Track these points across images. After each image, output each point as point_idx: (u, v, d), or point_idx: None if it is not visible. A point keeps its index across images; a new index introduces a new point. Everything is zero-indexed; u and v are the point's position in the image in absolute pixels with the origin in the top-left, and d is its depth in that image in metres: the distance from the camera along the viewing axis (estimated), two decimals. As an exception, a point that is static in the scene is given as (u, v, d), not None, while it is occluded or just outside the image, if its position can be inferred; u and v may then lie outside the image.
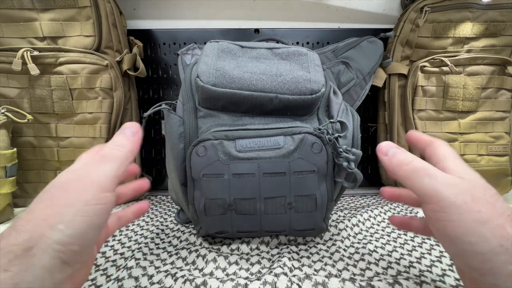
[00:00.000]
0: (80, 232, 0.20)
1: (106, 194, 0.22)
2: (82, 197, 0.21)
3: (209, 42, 0.42)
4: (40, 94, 0.53)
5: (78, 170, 0.23)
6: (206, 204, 0.37)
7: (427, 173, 0.23)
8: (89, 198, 0.21)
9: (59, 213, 0.20)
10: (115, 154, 0.24)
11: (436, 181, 0.23)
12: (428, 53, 0.60)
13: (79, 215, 0.21)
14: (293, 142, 0.35)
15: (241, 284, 0.31)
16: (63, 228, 0.20)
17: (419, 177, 0.23)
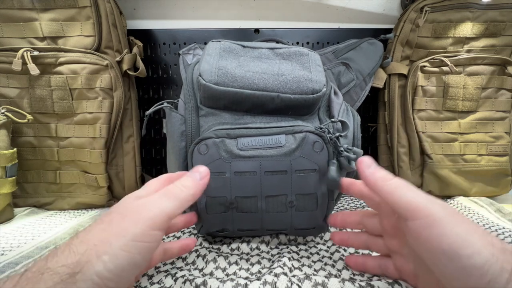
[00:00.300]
0: (120, 268, 0.20)
1: (155, 232, 0.22)
2: (134, 230, 0.21)
3: (211, 41, 0.42)
4: (40, 94, 0.53)
5: (141, 199, 0.23)
6: (207, 202, 0.37)
7: (411, 188, 0.23)
8: (139, 233, 0.21)
9: (109, 242, 0.20)
10: (177, 194, 0.24)
11: (421, 196, 0.23)
12: (428, 53, 0.60)
13: (124, 249, 0.20)
14: (294, 140, 0.35)
15: (241, 284, 0.31)
16: (107, 260, 0.19)
17: (404, 192, 0.23)
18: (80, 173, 0.57)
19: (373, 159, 0.27)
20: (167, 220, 0.23)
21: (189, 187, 0.25)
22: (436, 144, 0.60)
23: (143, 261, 0.21)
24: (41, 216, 0.54)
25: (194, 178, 0.26)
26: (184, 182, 0.26)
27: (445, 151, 0.60)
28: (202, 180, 0.27)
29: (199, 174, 0.27)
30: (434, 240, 0.21)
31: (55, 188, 0.58)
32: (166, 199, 0.23)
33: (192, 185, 0.26)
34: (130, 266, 0.20)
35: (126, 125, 0.60)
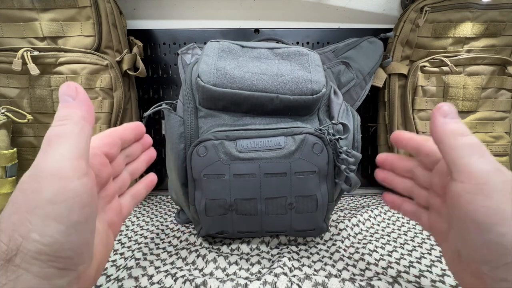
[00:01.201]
0: (61, 236, 0.17)
1: (74, 183, 0.18)
2: (43, 196, 0.17)
3: (210, 41, 0.42)
4: (40, 94, 0.53)
5: (33, 166, 0.18)
6: (206, 205, 0.37)
7: (482, 153, 0.21)
8: (51, 196, 0.17)
9: (26, 221, 0.17)
10: (62, 132, 0.19)
11: (489, 164, 0.21)
12: (428, 53, 0.60)
13: (49, 218, 0.17)
14: (294, 142, 0.35)
15: (241, 284, 0.31)
16: (38, 238, 0.17)
17: (471, 154, 0.21)
18: (80, 173, 0.57)
19: (454, 108, 0.24)
20: (79, 163, 0.19)
21: (67, 115, 0.19)
22: (436, 144, 0.60)
23: (83, 217, 0.19)
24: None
25: (66, 101, 0.20)
26: (60, 115, 0.20)
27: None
28: (78, 97, 0.20)
29: (68, 95, 0.20)
30: (473, 207, 0.20)
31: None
32: (55, 146, 0.18)
33: (69, 112, 0.20)
34: (69, 228, 0.18)
35: (126, 125, 0.60)
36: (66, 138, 0.19)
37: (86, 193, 0.19)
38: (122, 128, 0.27)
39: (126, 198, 0.28)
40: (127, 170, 0.29)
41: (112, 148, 0.26)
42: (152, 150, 0.32)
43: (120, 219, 0.27)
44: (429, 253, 0.39)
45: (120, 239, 0.44)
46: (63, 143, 0.19)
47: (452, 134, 0.22)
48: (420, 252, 0.40)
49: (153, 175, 0.32)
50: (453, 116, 0.23)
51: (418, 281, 0.33)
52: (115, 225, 0.26)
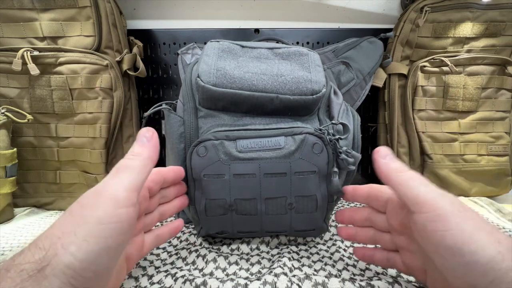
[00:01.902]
0: (93, 256, 0.19)
1: (122, 210, 0.20)
2: (95, 213, 0.19)
3: (210, 41, 0.42)
4: (40, 94, 0.53)
5: (99, 185, 0.21)
6: (206, 205, 0.37)
7: (423, 182, 0.23)
8: (102, 215, 0.19)
9: (73, 232, 0.19)
10: (130, 164, 0.22)
11: (432, 190, 0.23)
12: (428, 53, 0.60)
13: (90, 235, 0.19)
14: (294, 142, 0.35)
15: (241, 284, 0.31)
16: (75, 250, 0.18)
17: (415, 185, 0.23)
18: (80, 173, 0.57)
19: (390, 150, 0.27)
20: (132, 194, 0.21)
21: (139, 153, 0.24)
22: (436, 144, 0.60)
23: (117, 243, 0.20)
24: (41, 216, 0.54)
25: (142, 142, 0.25)
26: (134, 150, 0.24)
27: (445, 151, 0.60)
28: (151, 142, 0.25)
29: (145, 137, 0.25)
30: (438, 234, 0.21)
31: (55, 188, 0.58)
32: (121, 174, 0.22)
33: (142, 150, 0.24)
34: (103, 251, 0.19)
35: (126, 125, 0.60)
36: (131, 170, 0.22)
37: (127, 221, 0.21)
38: (167, 169, 0.31)
39: (150, 237, 0.30)
40: (158, 210, 0.31)
41: (156, 185, 0.28)
42: (185, 198, 0.35)
43: (139, 255, 0.28)
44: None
45: (120, 239, 0.44)
46: (127, 173, 0.22)
47: (396, 171, 0.25)
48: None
49: (180, 221, 0.34)
50: (391, 157, 0.26)
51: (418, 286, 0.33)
52: (132, 260, 0.27)
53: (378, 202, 0.29)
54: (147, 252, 0.29)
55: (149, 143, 0.25)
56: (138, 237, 0.27)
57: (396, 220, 0.28)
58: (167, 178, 0.30)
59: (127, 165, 0.22)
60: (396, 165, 0.25)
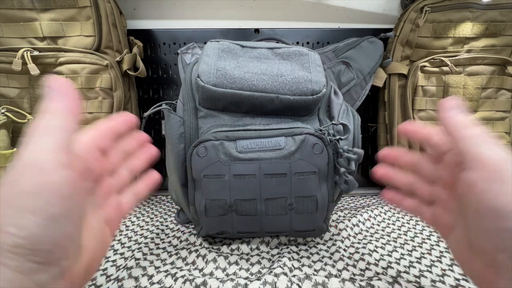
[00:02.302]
0: (38, 229, 0.17)
1: (53, 175, 0.18)
2: (20, 187, 0.17)
3: (210, 41, 0.42)
4: (40, 94, 0.53)
5: (17, 158, 0.18)
6: (206, 205, 0.37)
7: (492, 141, 0.22)
8: (31, 187, 0.17)
9: (5, 215, 0.17)
10: (46, 124, 0.19)
11: (500, 152, 0.21)
12: (428, 53, 0.60)
13: (25, 210, 0.17)
14: (294, 143, 0.35)
15: (241, 284, 0.31)
16: (15, 231, 0.16)
17: (483, 143, 0.22)
18: (80, 173, 0.57)
19: (458, 100, 0.25)
20: (59, 155, 0.19)
21: (51, 109, 0.20)
22: (436, 144, 0.60)
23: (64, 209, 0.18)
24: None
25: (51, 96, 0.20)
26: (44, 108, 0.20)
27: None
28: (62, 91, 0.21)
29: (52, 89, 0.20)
30: (489, 194, 0.20)
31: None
32: (38, 138, 0.19)
33: (53, 105, 0.20)
34: (48, 221, 0.17)
35: (126, 125, 0.60)
36: (47, 131, 0.19)
37: (66, 185, 0.19)
38: (114, 121, 0.27)
39: (126, 196, 0.28)
40: (126, 167, 0.28)
41: (104, 141, 0.25)
42: (151, 148, 0.31)
43: (119, 216, 0.26)
44: (429, 253, 0.39)
45: (120, 239, 0.44)
46: (46, 135, 0.19)
47: (463, 124, 0.23)
48: (420, 252, 0.40)
49: (156, 173, 0.31)
50: (457, 110, 0.24)
51: (418, 281, 0.33)
52: (113, 221, 0.25)
53: (435, 149, 0.28)
54: (127, 211, 0.27)
55: (60, 94, 0.20)
56: (111, 199, 0.26)
57: (449, 173, 0.26)
58: (118, 130, 0.27)
59: (41, 127, 0.19)
60: (462, 118, 0.24)
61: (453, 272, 0.35)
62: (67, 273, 0.19)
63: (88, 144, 0.24)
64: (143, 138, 0.30)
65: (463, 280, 0.33)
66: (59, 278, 0.18)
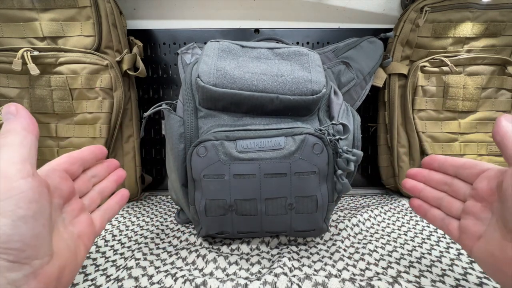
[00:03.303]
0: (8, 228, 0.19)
1: (19, 182, 0.20)
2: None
3: (210, 41, 0.42)
4: (40, 94, 0.53)
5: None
6: (206, 205, 0.37)
7: None
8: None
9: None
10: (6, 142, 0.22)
11: None
12: (428, 53, 0.60)
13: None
14: (294, 143, 0.35)
15: (241, 284, 0.31)
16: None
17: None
18: (80, 173, 0.57)
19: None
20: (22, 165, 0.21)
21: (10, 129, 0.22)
22: (436, 144, 0.60)
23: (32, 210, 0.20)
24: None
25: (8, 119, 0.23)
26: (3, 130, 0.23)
27: (445, 151, 0.60)
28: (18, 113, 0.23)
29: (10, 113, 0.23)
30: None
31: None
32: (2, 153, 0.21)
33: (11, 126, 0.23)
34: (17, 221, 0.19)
35: (126, 125, 0.60)
36: (8, 147, 0.22)
37: (31, 190, 0.21)
38: (80, 150, 0.31)
39: (98, 213, 0.31)
40: (95, 190, 0.32)
41: (71, 166, 0.29)
42: (121, 171, 0.35)
43: (92, 231, 0.29)
44: (429, 253, 0.39)
45: (120, 239, 0.44)
46: (7, 151, 0.21)
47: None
48: (420, 252, 0.40)
49: (124, 190, 0.34)
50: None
51: (418, 281, 0.33)
52: (86, 236, 0.28)
53: (470, 170, 0.30)
54: (101, 227, 0.30)
55: (16, 117, 0.23)
56: (82, 217, 0.28)
57: (488, 184, 0.28)
58: (84, 157, 0.31)
59: (4, 143, 0.22)
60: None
61: (453, 272, 0.35)
62: (40, 274, 0.21)
63: (55, 166, 0.27)
64: (113, 163, 0.35)
65: (463, 280, 0.33)
66: (31, 278, 0.20)
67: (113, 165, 0.34)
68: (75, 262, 0.25)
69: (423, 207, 0.33)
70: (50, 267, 0.22)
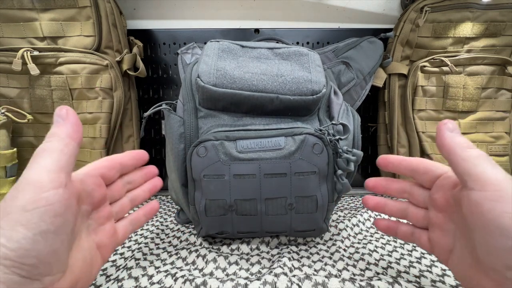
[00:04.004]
0: (27, 242, 0.18)
1: (48, 193, 0.19)
2: (16, 202, 0.19)
3: (210, 41, 0.42)
4: (40, 94, 0.53)
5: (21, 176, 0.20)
6: (206, 205, 0.37)
7: (492, 163, 0.23)
8: (25, 203, 0.19)
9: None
10: (48, 147, 0.21)
11: (501, 172, 0.22)
12: (428, 53, 0.60)
13: (18, 224, 0.18)
14: (294, 143, 0.35)
15: (241, 284, 0.31)
16: (5, 241, 0.18)
17: (484, 163, 0.22)
18: (80, 173, 0.57)
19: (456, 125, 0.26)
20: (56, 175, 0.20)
21: (55, 133, 0.22)
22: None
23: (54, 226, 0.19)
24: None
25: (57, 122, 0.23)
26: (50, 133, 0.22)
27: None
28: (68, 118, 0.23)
29: (59, 117, 0.23)
30: (495, 214, 0.21)
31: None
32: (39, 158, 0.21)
33: (57, 130, 0.22)
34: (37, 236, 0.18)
35: (126, 125, 0.60)
36: (49, 153, 0.21)
37: (59, 203, 0.20)
38: (122, 154, 0.30)
39: (124, 223, 0.30)
40: (128, 196, 0.31)
41: (109, 171, 0.28)
42: (157, 180, 0.34)
43: (113, 242, 0.28)
44: (429, 253, 0.39)
45: (120, 239, 0.44)
46: (46, 156, 0.21)
47: (462, 146, 0.24)
48: (420, 252, 0.40)
49: (155, 203, 0.33)
50: (457, 131, 0.25)
51: (418, 281, 0.33)
52: (106, 247, 0.27)
53: (425, 176, 0.29)
54: (122, 238, 0.29)
55: (65, 121, 0.23)
56: (107, 225, 0.27)
57: (444, 196, 0.27)
58: (124, 163, 0.30)
59: (44, 149, 0.21)
60: (462, 140, 0.24)
61: (453, 272, 0.35)
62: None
63: (92, 171, 0.26)
64: (151, 171, 0.33)
65: (463, 280, 0.33)
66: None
67: (151, 173, 0.33)
68: (89, 276, 0.24)
69: (391, 227, 0.32)
70: (62, 283, 0.21)
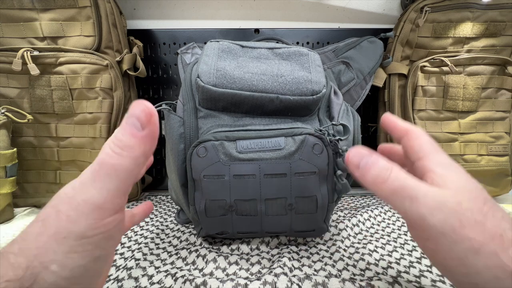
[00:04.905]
0: (79, 270, 0.17)
1: (107, 219, 0.18)
2: (75, 228, 0.17)
3: (210, 41, 0.42)
4: (40, 94, 0.53)
5: (76, 187, 0.18)
6: (206, 205, 0.37)
7: (408, 194, 0.19)
8: (84, 230, 0.17)
9: (51, 249, 0.16)
10: (117, 164, 0.17)
11: (419, 204, 0.19)
12: (428, 53, 0.60)
13: (73, 251, 0.17)
14: (294, 143, 0.35)
15: (241, 284, 0.31)
16: (57, 270, 0.16)
17: (400, 199, 0.20)
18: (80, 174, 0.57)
19: (360, 149, 0.22)
20: (118, 200, 0.18)
21: (129, 146, 0.17)
22: (436, 144, 0.60)
23: (107, 251, 0.19)
24: (42, 216, 0.54)
25: (135, 128, 0.18)
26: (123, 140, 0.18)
27: (445, 151, 0.60)
28: (148, 128, 0.18)
29: (139, 121, 0.18)
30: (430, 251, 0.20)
31: (55, 188, 0.58)
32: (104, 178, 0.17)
33: (133, 142, 0.18)
34: (90, 263, 0.17)
35: (126, 125, 0.60)
36: (118, 172, 0.18)
37: (115, 228, 0.18)
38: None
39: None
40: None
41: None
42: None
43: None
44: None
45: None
46: (114, 177, 0.18)
47: (375, 184, 0.21)
48: (420, 252, 0.40)
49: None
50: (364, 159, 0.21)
51: (418, 281, 0.33)
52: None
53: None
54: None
55: (145, 132, 0.18)
56: None
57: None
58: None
59: (114, 167, 0.17)
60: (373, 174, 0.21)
61: (453, 272, 0.35)
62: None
63: None
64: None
65: (463, 280, 0.33)
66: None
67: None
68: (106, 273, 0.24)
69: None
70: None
